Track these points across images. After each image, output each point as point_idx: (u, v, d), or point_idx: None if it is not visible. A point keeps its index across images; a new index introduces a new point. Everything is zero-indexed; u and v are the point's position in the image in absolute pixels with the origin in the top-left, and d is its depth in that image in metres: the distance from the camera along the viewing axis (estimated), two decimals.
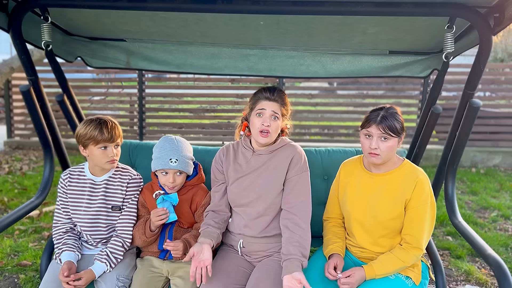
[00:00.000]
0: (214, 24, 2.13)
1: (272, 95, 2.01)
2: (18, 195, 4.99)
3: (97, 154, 2.03)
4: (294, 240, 1.90)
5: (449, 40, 1.88)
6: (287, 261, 1.85)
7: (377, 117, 1.90)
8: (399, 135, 1.91)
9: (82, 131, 2.03)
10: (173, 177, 2.07)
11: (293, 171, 2.02)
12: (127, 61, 2.74)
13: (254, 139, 2.07)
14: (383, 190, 1.98)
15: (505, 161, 7.11)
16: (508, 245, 3.94)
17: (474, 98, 2.01)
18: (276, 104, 2.01)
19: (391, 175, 2.00)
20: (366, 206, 2.01)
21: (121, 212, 2.14)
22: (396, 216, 1.95)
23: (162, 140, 2.14)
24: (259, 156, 2.08)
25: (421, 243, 1.91)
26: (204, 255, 1.85)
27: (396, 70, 2.65)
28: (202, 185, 2.25)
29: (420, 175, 1.95)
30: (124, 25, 2.27)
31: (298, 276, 1.77)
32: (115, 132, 2.05)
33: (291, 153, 2.05)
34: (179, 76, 8.88)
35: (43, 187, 2.34)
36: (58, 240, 2.10)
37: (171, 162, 2.05)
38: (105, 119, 2.07)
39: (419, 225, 1.91)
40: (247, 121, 2.13)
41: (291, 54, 2.61)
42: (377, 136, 1.90)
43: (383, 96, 7.67)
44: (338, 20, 1.97)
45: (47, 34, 2.06)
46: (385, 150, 1.90)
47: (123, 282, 1.99)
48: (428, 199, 1.92)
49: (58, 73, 2.33)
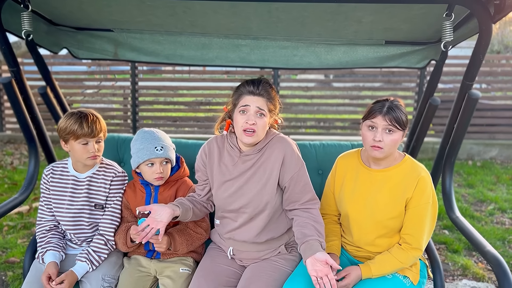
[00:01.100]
0: (203, 12, 2.04)
1: (256, 89, 1.79)
2: (8, 190, 4.90)
3: (77, 149, 1.94)
4: (309, 224, 1.79)
5: (447, 29, 1.80)
6: (305, 244, 1.72)
7: (383, 107, 1.81)
8: (404, 128, 1.84)
9: (63, 125, 1.93)
10: (160, 167, 1.98)
11: (289, 171, 1.86)
12: (115, 52, 2.65)
13: (239, 139, 1.87)
14: (383, 188, 1.90)
15: (501, 154, 7.07)
16: (505, 239, 3.90)
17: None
18: (262, 99, 1.79)
19: (391, 172, 1.90)
20: (364, 204, 1.92)
21: (104, 210, 2.06)
22: (395, 215, 1.87)
23: (140, 132, 2.06)
24: (247, 156, 1.89)
25: (421, 244, 1.84)
26: (161, 216, 1.72)
27: (392, 61, 2.57)
28: (185, 179, 2.15)
29: (422, 173, 1.86)
30: (110, 14, 2.18)
31: (322, 257, 1.63)
32: (96, 126, 1.95)
33: (282, 151, 1.87)
34: (174, 68, 8.79)
35: (28, 183, 2.27)
36: (42, 239, 2.02)
37: (156, 150, 1.96)
38: (86, 112, 1.96)
39: (420, 225, 1.84)
40: (230, 118, 1.92)
41: (284, 45, 2.53)
42: (382, 128, 1.81)
43: (379, 88, 7.59)
44: (331, 8, 1.89)
45: (27, 23, 1.97)
46: (389, 144, 1.81)
47: (108, 282, 1.91)
48: (430, 198, 1.84)
49: (40, 64, 2.25)
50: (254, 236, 1.91)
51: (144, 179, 2.05)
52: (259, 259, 1.96)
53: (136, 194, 2.08)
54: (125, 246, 1.99)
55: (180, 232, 2.00)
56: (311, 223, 1.80)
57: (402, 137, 1.85)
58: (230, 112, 1.90)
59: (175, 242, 1.96)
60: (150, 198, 2.06)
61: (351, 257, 2.03)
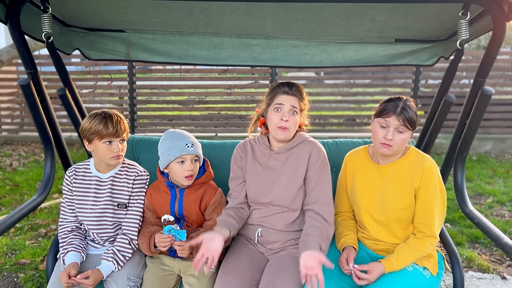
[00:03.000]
0: (220, 13, 2.06)
1: (290, 89, 1.98)
2: (11, 191, 4.87)
3: (101, 149, 1.97)
4: (316, 227, 1.86)
5: (463, 27, 1.85)
6: (304, 241, 1.79)
7: (397, 108, 1.86)
8: (415, 128, 1.89)
9: (87, 126, 1.97)
10: (191, 164, 2.00)
11: (314, 168, 1.98)
12: (127, 53, 2.65)
13: (272, 136, 2.02)
14: (391, 181, 1.95)
15: (495, 147, 7.20)
16: (506, 231, 3.98)
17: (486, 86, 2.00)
18: (295, 98, 1.97)
19: (397, 165, 1.97)
20: (376, 199, 1.98)
21: (127, 209, 2.08)
22: (406, 206, 1.93)
23: (168, 132, 2.08)
24: (278, 154, 2.03)
25: (434, 231, 1.89)
26: (214, 244, 1.75)
27: (402, 59, 2.61)
28: (211, 183, 2.17)
29: (427, 162, 1.92)
30: (126, 15, 2.19)
31: (316, 255, 1.68)
32: (120, 126, 1.99)
33: (310, 149, 2.01)
34: (164, 67, 8.68)
35: (45, 184, 2.27)
36: (63, 239, 2.03)
37: (187, 147, 1.99)
38: (110, 113, 2.01)
39: (430, 213, 1.89)
40: (263, 117, 2.07)
41: (296, 44, 2.55)
42: (394, 127, 1.86)
43: (375, 85, 7.67)
44: (348, 8, 1.92)
45: (47, 26, 1.97)
46: (399, 142, 1.87)
47: (134, 282, 1.94)
48: (437, 186, 1.89)
49: (59, 66, 2.24)
50: (285, 225, 2.01)
51: (170, 181, 2.06)
52: (285, 245, 2.02)
53: (160, 196, 2.09)
54: (149, 251, 2.00)
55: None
56: (318, 225, 1.87)
57: (410, 136, 1.91)
58: (264, 111, 2.03)
59: (198, 248, 1.97)
60: (175, 201, 2.07)
61: (370, 251, 2.07)
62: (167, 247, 1.92)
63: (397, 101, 1.88)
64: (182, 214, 2.09)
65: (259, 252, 2.07)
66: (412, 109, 1.87)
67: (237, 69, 7.41)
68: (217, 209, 2.10)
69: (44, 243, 3.57)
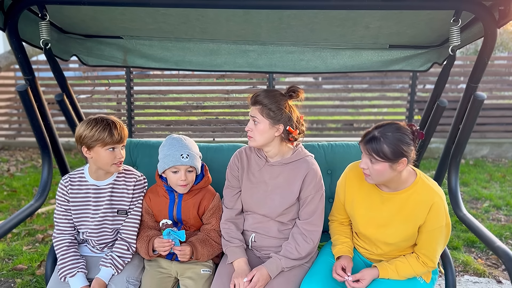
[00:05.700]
0: (216, 20, 2.09)
1: (253, 99, 1.97)
2: (8, 197, 4.87)
3: (104, 156, 1.94)
4: (293, 247, 1.95)
5: (455, 34, 1.87)
6: (272, 259, 1.93)
7: (368, 135, 1.76)
8: (391, 160, 1.70)
9: (88, 132, 1.92)
10: (185, 174, 2.01)
11: (308, 189, 1.99)
12: (124, 59, 2.68)
13: None
14: (393, 212, 1.86)
15: (492, 152, 7.23)
16: (502, 235, 4.00)
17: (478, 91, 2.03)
18: (255, 108, 1.95)
19: (402, 196, 1.84)
20: (375, 225, 1.91)
21: (127, 215, 2.09)
22: (407, 238, 1.88)
23: (168, 138, 2.09)
24: (272, 167, 2.04)
25: (435, 261, 1.88)
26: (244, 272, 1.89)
27: (396, 64, 2.64)
28: (209, 187, 2.19)
29: (435, 198, 1.78)
30: (122, 22, 2.21)
31: (265, 277, 1.86)
32: (124, 133, 1.99)
33: (306, 169, 1.99)
34: (162, 72, 8.71)
35: (42, 189, 2.28)
36: (64, 255, 1.97)
37: (182, 158, 1.99)
38: (112, 119, 1.99)
39: (434, 247, 1.85)
40: None
41: (291, 50, 2.59)
42: (365, 156, 1.78)
43: (372, 90, 7.71)
44: (342, 15, 1.96)
45: (45, 33, 1.99)
46: (373, 173, 1.76)
47: (133, 284, 1.95)
48: (443, 221, 1.79)
49: (57, 72, 2.26)
50: (278, 232, 2.04)
51: (168, 185, 2.08)
52: (278, 249, 2.03)
53: (159, 200, 2.10)
54: (147, 255, 2.02)
55: (203, 243, 2.04)
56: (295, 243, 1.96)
57: (396, 167, 1.73)
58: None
59: (197, 252, 2.00)
60: (173, 205, 2.09)
61: (365, 259, 2.08)
62: (167, 252, 1.96)
63: (376, 129, 1.75)
64: (181, 218, 2.11)
65: (255, 255, 2.10)
66: (388, 138, 1.69)
67: (235, 74, 7.44)
68: (215, 214, 2.13)
69: (41, 248, 3.58)
